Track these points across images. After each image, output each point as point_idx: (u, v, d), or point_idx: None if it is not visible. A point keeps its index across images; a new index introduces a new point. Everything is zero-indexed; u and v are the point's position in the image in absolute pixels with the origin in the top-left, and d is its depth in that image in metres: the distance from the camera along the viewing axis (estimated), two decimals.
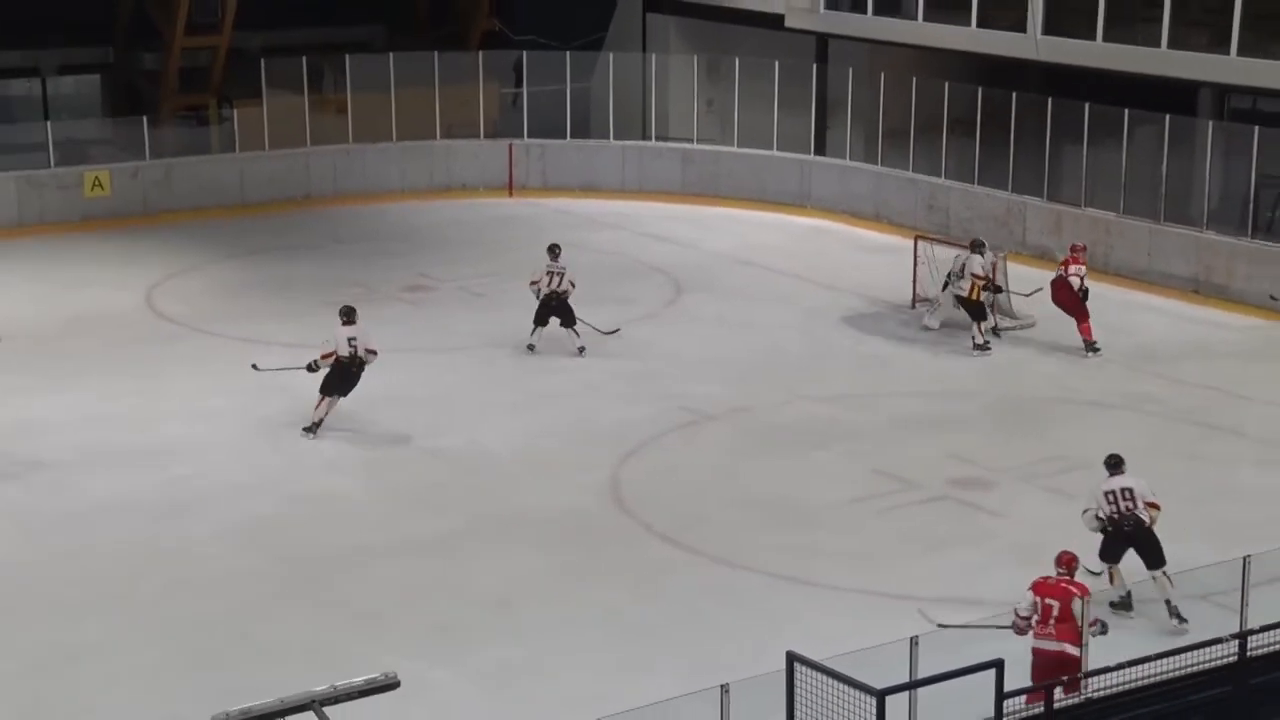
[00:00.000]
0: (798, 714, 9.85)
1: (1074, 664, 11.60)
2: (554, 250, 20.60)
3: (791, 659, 9.92)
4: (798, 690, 9.84)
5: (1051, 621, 11.78)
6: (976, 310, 20.96)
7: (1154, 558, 13.46)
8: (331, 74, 29.54)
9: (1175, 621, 13.26)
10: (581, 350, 20.52)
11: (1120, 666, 11.05)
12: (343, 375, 17.76)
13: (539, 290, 20.37)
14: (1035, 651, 11.80)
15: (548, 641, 13.55)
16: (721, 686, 10.24)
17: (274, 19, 29.62)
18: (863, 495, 16.54)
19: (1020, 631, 11.91)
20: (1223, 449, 17.92)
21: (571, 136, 29.89)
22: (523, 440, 18.16)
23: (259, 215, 28.13)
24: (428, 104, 29.48)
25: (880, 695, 9.46)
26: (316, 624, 13.90)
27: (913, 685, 10.20)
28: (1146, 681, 11.19)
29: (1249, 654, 11.39)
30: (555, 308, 20.43)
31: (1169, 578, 13.41)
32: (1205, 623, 11.97)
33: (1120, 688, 11.08)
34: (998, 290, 21.40)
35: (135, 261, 25.39)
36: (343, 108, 29.26)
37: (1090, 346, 20.70)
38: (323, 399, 17.85)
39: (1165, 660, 11.15)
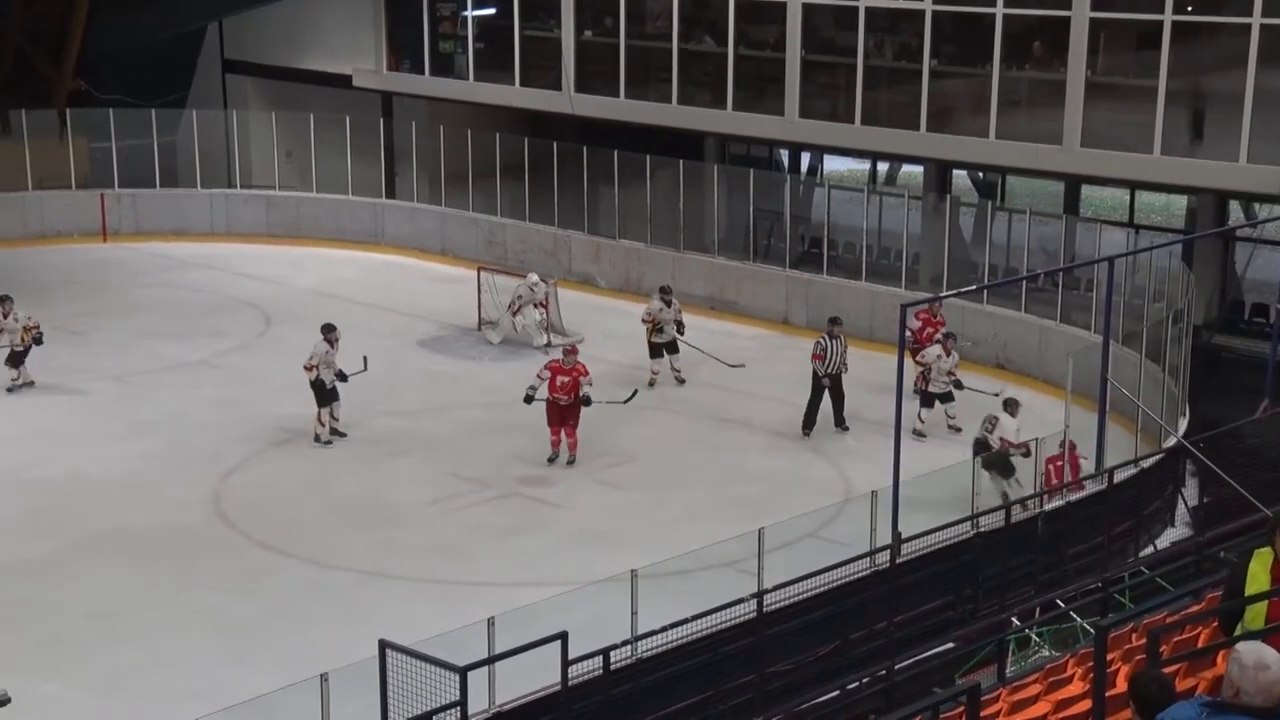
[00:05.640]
0: (390, 695, 9.67)
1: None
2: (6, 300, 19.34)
3: (383, 646, 9.73)
4: (390, 674, 9.66)
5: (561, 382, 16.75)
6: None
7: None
8: None
9: None
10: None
11: (665, 629, 11.33)
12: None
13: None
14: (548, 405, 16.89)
15: (151, 646, 12.87)
16: (321, 675, 9.94)
17: None
18: (441, 496, 16.42)
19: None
20: (736, 438, 18.64)
21: (161, 185, 28.55)
22: (123, 465, 17.16)
23: None
24: (17, 158, 27.57)
25: (463, 671, 9.40)
26: None
27: (491, 660, 10.17)
28: (689, 639, 11.54)
29: (765, 609, 11.89)
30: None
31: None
32: (730, 587, 12.32)
33: (667, 646, 11.37)
34: (959, 386, 18.19)
35: None
36: None
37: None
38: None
39: (702, 620, 11.51)
